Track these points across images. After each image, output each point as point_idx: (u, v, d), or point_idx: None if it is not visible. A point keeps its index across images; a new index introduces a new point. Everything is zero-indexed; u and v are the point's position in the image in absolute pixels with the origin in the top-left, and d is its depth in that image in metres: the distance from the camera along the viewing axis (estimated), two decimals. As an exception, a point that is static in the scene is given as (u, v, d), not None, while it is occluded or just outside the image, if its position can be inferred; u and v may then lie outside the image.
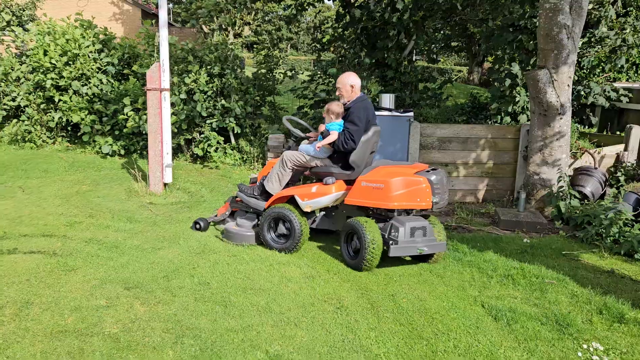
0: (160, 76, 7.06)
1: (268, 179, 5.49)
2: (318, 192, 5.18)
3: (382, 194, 4.83)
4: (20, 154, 9.12)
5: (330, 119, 5.30)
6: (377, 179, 4.89)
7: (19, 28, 9.90)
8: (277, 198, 5.40)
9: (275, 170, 5.46)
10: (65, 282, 4.24)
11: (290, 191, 5.37)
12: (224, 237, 5.55)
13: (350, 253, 5.03)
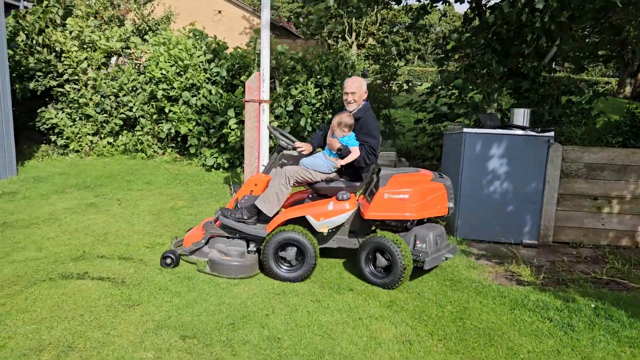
0: (260, 87, 6.48)
1: (263, 199, 4.67)
2: (335, 210, 4.65)
3: (407, 204, 4.57)
4: (130, 164, 9.16)
5: (342, 133, 4.70)
6: (401, 190, 4.59)
7: (137, 39, 10.06)
8: (285, 220, 4.67)
9: (274, 188, 4.66)
10: (119, 322, 3.66)
11: (302, 211, 4.68)
12: (210, 270, 4.62)
13: (376, 272, 4.66)
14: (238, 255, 4.63)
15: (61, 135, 9.82)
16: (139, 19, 13.57)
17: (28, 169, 8.72)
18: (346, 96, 4.84)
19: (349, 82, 4.87)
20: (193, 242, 4.84)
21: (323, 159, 4.76)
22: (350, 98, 4.81)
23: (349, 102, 4.83)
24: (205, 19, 24.79)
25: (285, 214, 4.69)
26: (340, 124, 4.66)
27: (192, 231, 5.00)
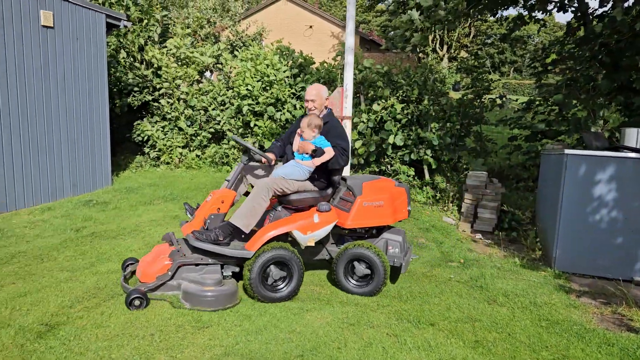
0: (343, 102, 6.29)
1: (240, 215, 4.31)
2: (321, 222, 4.50)
3: (383, 211, 4.72)
4: (216, 177, 9.33)
5: (312, 134, 4.59)
6: (376, 197, 4.70)
7: (228, 54, 10.30)
8: (271, 237, 4.36)
9: (253, 202, 4.34)
10: (187, 345, 3.57)
11: (287, 226, 4.44)
12: (190, 304, 4.10)
13: (354, 282, 4.70)
14: (216, 283, 4.17)
15: (154, 148, 10.25)
16: (233, 36, 14.00)
17: (122, 180, 9.14)
18: (307, 103, 4.82)
19: (309, 90, 4.83)
20: (157, 276, 4.21)
21: (298, 166, 4.59)
22: (311, 105, 4.78)
23: (310, 109, 4.80)
24: (296, 34, 25.28)
25: (269, 230, 4.37)
26: (310, 125, 4.56)
27: (147, 263, 4.34)
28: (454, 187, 8.30)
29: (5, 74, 6.61)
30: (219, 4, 17.67)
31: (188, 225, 4.38)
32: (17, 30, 6.71)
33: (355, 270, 4.66)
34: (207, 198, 4.37)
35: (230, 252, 4.27)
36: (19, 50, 6.78)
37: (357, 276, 4.67)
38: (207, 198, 4.38)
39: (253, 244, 4.31)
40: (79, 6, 7.73)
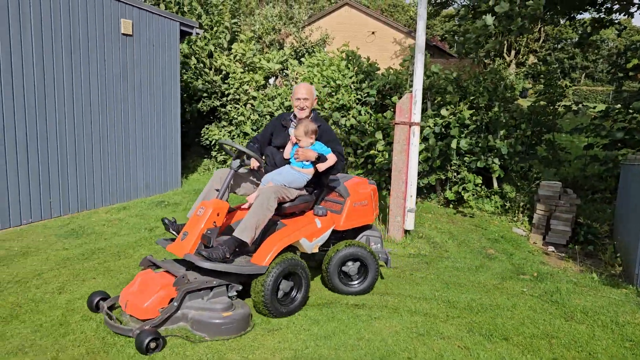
0: (411, 109, 6.20)
1: (245, 227, 3.90)
2: (323, 227, 4.43)
3: (368, 210, 4.79)
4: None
5: (310, 141, 4.33)
6: (362, 197, 4.74)
7: (294, 60, 10.43)
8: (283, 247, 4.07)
9: (259, 214, 3.98)
10: (257, 347, 3.61)
11: (295, 234, 4.22)
12: (202, 334, 3.64)
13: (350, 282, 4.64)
14: (229, 307, 3.73)
15: (221, 152, 10.52)
16: (297, 42, 14.19)
17: (191, 182, 9.44)
18: (298, 102, 4.49)
19: (300, 88, 4.53)
20: (160, 309, 3.63)
21: (298, 174, 4.33)
22: (303, 104, 4.49)
23: (301, 108, 4.50)
24: (358, 41, 25.32)
25: (277, 240, 4.05)
26: (307, 132, 4.27)
27: (135, 295, 3.69)
28: (524, 197, 8.00)
29: (88, 79, 6.99)
30: (284, 11, 17.99)
31: (178, 245, 3.84)
32: (99, 38, 7.09)
33: (349, 270, 4.58)
34: (198, 211, 3.86)
35: (247, 269, 3.83)
36: (101, 56, 7.16)
37: (350, 276, 4.62)
38: (197, 211, 3.88)
39: (263, 257, 3.92)
40: (156, 15, 8.08)
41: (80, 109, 6.90)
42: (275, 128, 4.63)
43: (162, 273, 3.84)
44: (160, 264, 3.94)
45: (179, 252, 3.78)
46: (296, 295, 4.18)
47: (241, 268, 3.79)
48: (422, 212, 7.85)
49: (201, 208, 3.91)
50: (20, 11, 5.98)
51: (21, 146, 6.14)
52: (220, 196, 4.06)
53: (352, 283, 4.63)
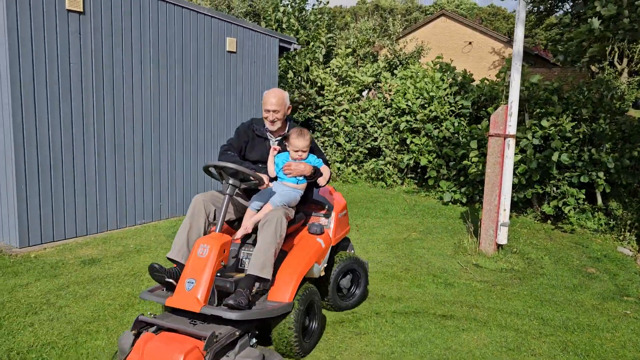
0: (507, 120, 6.08)
1: (264, 264, 3.37)
2: (326, 247, 4.04)
3: (347, 220, 4.64)
4: (371, 192, 9.57)
5: (303, 155, 3.84)
6: (342, 207, 4.51)
7: (387, 73, 10.56)
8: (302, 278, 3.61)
9: (273, 244, 3.42)
10: (345, 348, 3.76)
11: (309, 260, 3.76)
12: None
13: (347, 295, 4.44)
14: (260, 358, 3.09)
15: (314, 162, 10.87)
16: (390, 55, 14.31)
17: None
18: (267, 114, 3.88)
19: (269, 97, 3.88)
20: None
21: (294, 191, 3.80)
22: (272, 117, 3.86)
23: (272, 121, 3.88)
24: (454, 51, 24.87)
25: (294, 271, 3.58)
26: (304, 146, 3.76)
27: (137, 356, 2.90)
28: (632, 215, 7.48)
29: (197, 92, 7.60)
30: (378, 24, 18.19)
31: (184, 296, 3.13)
32: (207, 55, 7.69)
33: (343, 284, 4.37)
34: (199, 251, 3.22)
35: (278, 310, 3.34)
36: (208, 73, 7.75)
37: (346, 289, 4.42)
38: (197, 251, 3.23)
39: (284, 292, 3.44)
40: (258, 33, 8.60)
41: (189, 120, 7.51)
42: (249, 139, 4.00)
43: (168, 335, 2.98)
44: (160, 323, 3.08)
45: (189, 305, 3.08)
46: (315, 327, 3.78)
47: (272, 311, 3.28)
48: (517, 227, 7.61)
49: (203, 246, 3.23)
50: (141, 32, 6.66)
51: (138, 153, 6.81)
52: (219, 228, 3.40)
53: (346, 297, 4.43)
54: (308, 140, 3.77)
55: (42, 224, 5.78)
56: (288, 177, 3.77)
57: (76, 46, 5.93)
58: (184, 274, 3.21)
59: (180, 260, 3.44)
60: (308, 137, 3.78)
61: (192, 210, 3.58)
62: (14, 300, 4.35)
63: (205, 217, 3.58)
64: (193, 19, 7.38)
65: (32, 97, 5.55)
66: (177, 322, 3.12)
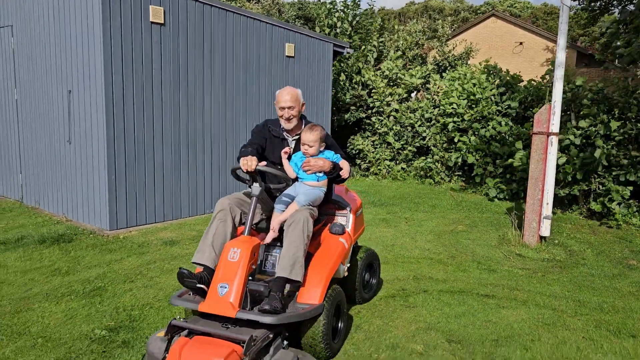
0: (550, 119, 6.44)
1: (293, 265, 3.34)
2: (349, 246, 4.04)
3: (362, 218, 4.59)
4: (419, 188, 10.03)
5: (319, 150, 3.79)
6: (358, 205, 4.44)
7: (436, 75, 10.98)
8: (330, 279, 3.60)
9: (302, 245, 3.41)
10: (396, 317, 4.30)
11: (336, 261, 3.72)
12: None
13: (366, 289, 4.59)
14: None
15: (365, 160, 11.41)
16: (439, 56, 14.67)
17: (337, 186, 10.46)
18: (282, 112, 3.83)
19: (283, 95, 3.83)
20: None
21: (317, 190, 3.75)
22: (288, 114, 3.82)
23: (287, 118, 3.84)
24: (505, 52, 24.80)
25: (322, 273, 3.55)
26: (321, 139, 3.72)
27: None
28: (678, 212, 7.62)
29: (258, 94, 8.30)
30: (427, 26, 18.51)
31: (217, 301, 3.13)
32: (268, 60, 8.38)
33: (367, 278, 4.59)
34: (230, 255, 3.23)
35: (311, 312, 3.30)
36: (269, 77, 8.44)
37: (367, 282, 4.59)
38: (227, 255, 3.24)
39: (314, 294, 3.43)
40: (314, 38, 9.24)
41: (252, 119, 8.22)
42: (268, 140, 3.94)
43: (204, 339, 2.96)
44: (194, 327, 3.05)
45: (224, 310, 3.08)
46: (342, 327, 3.77)
47: (305, 314, 3.25)
48: (561, 222, 7.90)
49: (234, 250, 3.24)
50: (211, 41, 7.41)
51: (208, 149, 7.56)
52: (247, 231, 3.41)
53: (366, 288, 4.60)
54: (317, 135, 3.66)
55: (128, 210, 6.60)
56: (308, 174, 3.70)
57: (157, 53, 6.73)
58: (215, 279, 3.20)
59: (208, 264, 3.41)
60: (317, 132, 3.67)
61: (218, 213, 3.56)
62: (113, 272, 5.13)
63: (232, 221, 3.57)
64: (257, 27, 8.09)
65: (121, 98, 6.37)
66: (210, 326, 3.08)
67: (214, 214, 3.57)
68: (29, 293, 4.52)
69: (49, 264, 5.24)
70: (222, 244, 3.46)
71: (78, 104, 6.61)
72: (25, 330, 3.83)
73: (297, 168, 3.78)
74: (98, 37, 6.15)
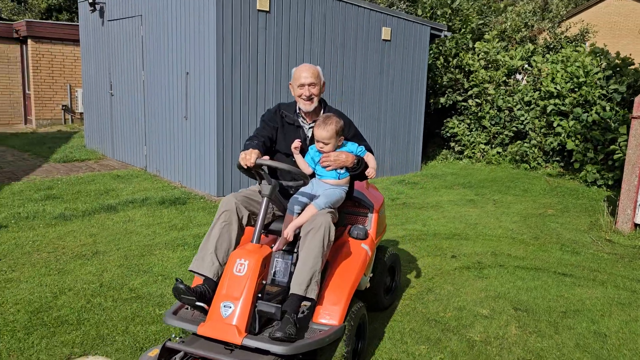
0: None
1: (309, 281, 2.84)
2: (372, 253, 3.53)
3: (384, 217, 4.03)
4: (513, 173, 9.94)
5: (338, 142, 3.18)
6: (381, 204, 3.90)
7: (539, 57, 10.69)
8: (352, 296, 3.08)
9: (320, 258, 2.89)
10: (468, 285, 4.59)
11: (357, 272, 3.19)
12: None
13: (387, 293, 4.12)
14: None
15: (459, 143, 11.45)
16: (550, 38, 14.08)
17: (429, 168, 10.65)
18: (301, 90, 3.23)
19: (302, 71, 3.25)
20: None
21: (339, 189, 3.22)
22: (309, 92, 3.22)
23: (308, 97, 3.23)
24: (629, 33, 22.93)
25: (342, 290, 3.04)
26: (337, 132, 3.12)
27: None
28: None
29: (354, 77, 8.74)
30: (539, 6, 17.70)
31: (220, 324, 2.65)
32: (363, 44, 8.77)
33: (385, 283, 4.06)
34: (236, 267, 2.73)
35: (331, 337, 2.83)
36: (365, 58, 8.84)
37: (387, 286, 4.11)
38: (233, 267, 2.74)
39: (334, 314, 2.94)
40: (411, 22, 9.46)
41: (347, 101, 8.69)
42: (279, 126, 3.35)
43: None
44: (192, 351, 2.64)
45: (228, 335, 2.62)
46: (363, 346, 3.32)
47: (324, 339, 2.78)
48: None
49: (240, 262, 2.74)
50: (312, 26, 7.96)
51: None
52: (256, 239, 2.88)
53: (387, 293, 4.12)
54: (331, 130, 3.06)
55: (233, 179, 7.40)
56: (327, 170, 3.16)
57: (262, 38, 7.39)
58: (218, 295, 2.71)
59: (209, 275, 2.91)
60: (332, 125, 3.07)
61: (222, 214, 3.01)
62: (218, 230, 5.90)
63: (238, 223, 3.02)
64: (354, 12, 8.50)
65: (230, 79, 7.12)
66: (211, 350, 2.63)
67: (217, 215, 3.03)
68: (152, 242, 5.40)
69: (167, 221, 6.14)
70: (227, 251, 2.95)
71: (193, 85, 7.49)
72: (149, 270, 4.65)
73: (314, 163, 3.23)
74: (212, 24, 6.92)
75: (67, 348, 3.30)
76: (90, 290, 4.16)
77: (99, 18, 9.89)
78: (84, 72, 11.03)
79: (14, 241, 5.22)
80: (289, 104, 3.42)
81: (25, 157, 10.00)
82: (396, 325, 3.79)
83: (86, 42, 10.69)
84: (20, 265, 4.62)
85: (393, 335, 3.64)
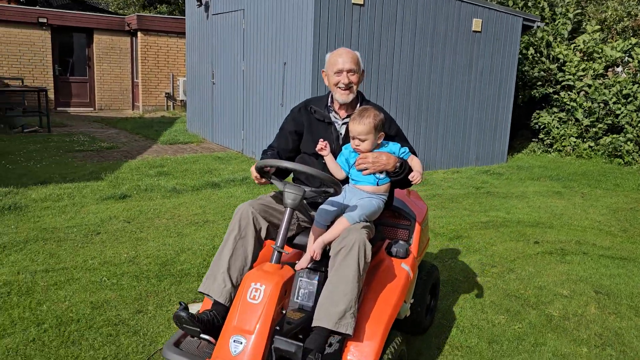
0: None
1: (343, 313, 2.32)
2: (414, 275, 2.90)
3: (427, 229, 3.51)
4: (605, 167, 9.69)
5: (378, 141, 2.68)
6: (424, 214, 3.37)
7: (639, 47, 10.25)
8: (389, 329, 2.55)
9: (355, 284, 2.37)
10: (550, 269, 4.77)
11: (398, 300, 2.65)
12: None
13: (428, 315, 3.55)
14: None
15: (548, 135, 11.25)
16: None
17: (515, 159, 10.61)
18: (339, 77, 2.76)
19: (338, 56, 2.79)
20: None
21: (376, 198, 2.67)
22: (347, 79, 2.75)
23: (347, 86, 2.76)
24: None
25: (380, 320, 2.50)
26: (378, 126, 2.62)
27: None
28: None
29: (442, 68, 8.93)
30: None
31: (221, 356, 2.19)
32: (454, 35, 8.93)
33: None
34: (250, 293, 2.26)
35: None
36: (454, 49, 9.00)
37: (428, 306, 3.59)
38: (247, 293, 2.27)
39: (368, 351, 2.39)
40: (503, 13, 9.46)
41: (435, 91, 8.92)
42: (306, 125, 2.91)
43: None
44: None
45: None
46: None
47: None
48: None
49: (255, 286, 2.26)
50: (403, 19, 8.26)
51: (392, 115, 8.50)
52: (275, 259, 2.38)
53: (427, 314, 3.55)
54: (369, 124, 2.58)
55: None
56: (364, 174, 2.66)
57: (356, 30, 7.81)
58: (227, 328, 2.25)
59: (219, 299, 2.48)
60: (370, 118, 2.58)
61: (237, 226, 2.56)
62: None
63: (254, 235, 2.57)
64: (445, 4, 8.68)
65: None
66: None
67: (231, 226, 2.58)
68: (252, 214, 6.02)
69: (264, 197, 6.77)
70: (241, 270, 2.53)
71: (290, 74, 8.06)
72: (252, 237, 5.25)
73: (348, 166, 2.74)
74: (310, 17, 7.43)
75: (192, 294, 3.93)
76: (205, 250, 4.82)
77: (204, 12, 10.77)
78: (188, 62, 12.03)
79: (138, 208, 6.05)
80: (319, 97, 3.03)
81: (136, 138, 11.14)
82: (477, 298, 4.10)
83: (191, 34, 11.65)
84: (146, 227, 5.40)
85: (474, 306, 3.96)
